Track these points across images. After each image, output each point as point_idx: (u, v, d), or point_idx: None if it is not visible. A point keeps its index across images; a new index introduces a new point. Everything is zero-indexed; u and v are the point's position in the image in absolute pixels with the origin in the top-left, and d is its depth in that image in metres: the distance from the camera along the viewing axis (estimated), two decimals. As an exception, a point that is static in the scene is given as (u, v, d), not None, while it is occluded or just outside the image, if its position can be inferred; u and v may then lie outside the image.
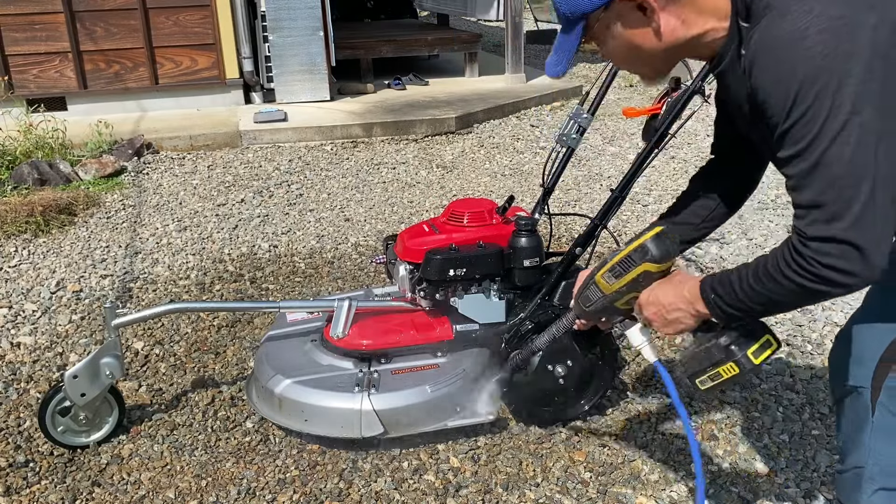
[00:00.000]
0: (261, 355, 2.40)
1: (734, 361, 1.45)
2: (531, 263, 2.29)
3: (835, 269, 1.16)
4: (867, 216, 1.13)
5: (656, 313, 1.52)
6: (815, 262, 1.17)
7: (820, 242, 1.17)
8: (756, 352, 1.43)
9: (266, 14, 6.39)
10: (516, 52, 7.62)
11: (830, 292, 1.21)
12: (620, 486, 2.11)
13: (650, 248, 1.50)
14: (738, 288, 1.33)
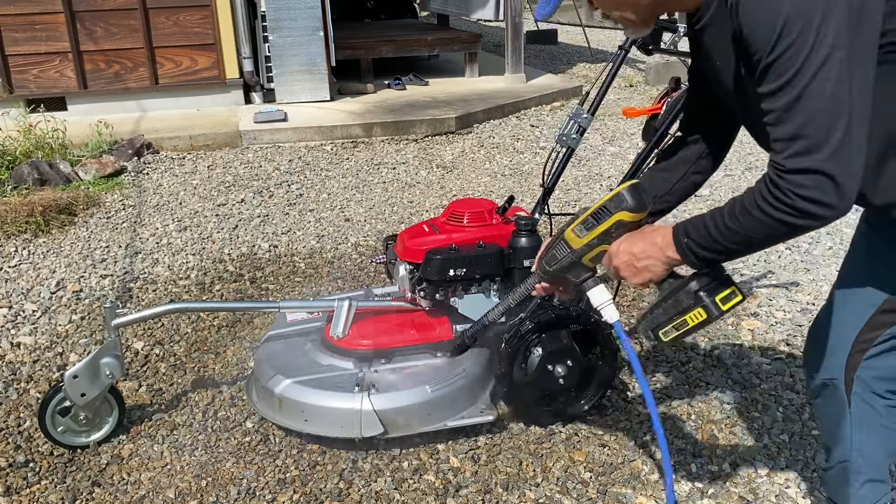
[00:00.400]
0: (261, 355, 2.40)
1: (703, 307, 1.46)
2: (531, 263, 2.29)
3: (811, 200, 1.18)
4: (844, 150, 1.16)
5: (626, 262, 1.52)
6: (793, 193, 1.20)
7: (797, 174, 1.19)
8: (724, 299, 1.46)
9: (266, 14, 6.40)
10: (516, 52, 7.62)
11: (805, 226, 1.23)
12: (620, 486, 2.11)
13: (626, 196, 1.51)
14: (712, 229, 1.35)
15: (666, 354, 2.78)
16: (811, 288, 3.28)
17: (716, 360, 2.73)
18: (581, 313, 2.25)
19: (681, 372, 2.66)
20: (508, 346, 2.22)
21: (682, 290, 1.49)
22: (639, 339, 2.88)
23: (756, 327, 2.95)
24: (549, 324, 2.23)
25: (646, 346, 2.84)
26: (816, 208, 1.19)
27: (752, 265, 3.51)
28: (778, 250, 3.64)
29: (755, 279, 3.38)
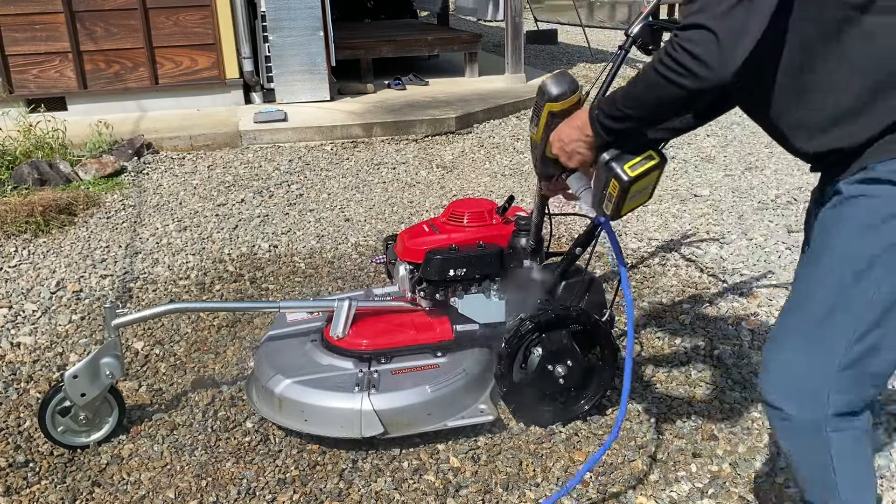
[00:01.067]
0: (261, 355, 2.40)
1: (614, 177, 1.53)
2: (531, 263, 2.30)
3: (691, 54, 1.25)
4: (735, 13, 1.22)
5: (559, 147, 1.62)
6: (678, 46, 1.27)
7: (686, 30, 1.26)
8: (633, 165, 1.52)
9: (266, 14, 6.40)
10: (516, 52, 7.62)
11: (685, 85, 1.28)
12: (620, 486, 2.11)
13: (547, 86, 1.63)
14: (618, 97, 1.44)
15: (666, 354, 2.78)
16: (811, 288, 3.27)
17: (716, 360, 2.73)
18: (581, 313, 2.25)
19: (681, 372, 2.66)
20: (508, 346, 2.22)
21: (600, 164, 1.57)
22: (639, 340, 2.88)
23: (756, 327, 2.95)
24: (549, 324, 2.23)
25: (646, 344, 2.84)
26: (695, 64, 1.25)
27: (752, 265, 3.51)
28: (778, 250, 3.64)
29: (755, 279, 3.38)
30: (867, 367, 1.43)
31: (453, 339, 2.35)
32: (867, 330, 1.40)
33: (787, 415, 1.50)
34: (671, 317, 3.06)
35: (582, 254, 2.31)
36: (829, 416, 1.47)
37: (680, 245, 3.80)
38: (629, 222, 4.10)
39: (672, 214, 4.22)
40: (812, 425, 1.49)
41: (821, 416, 1.47)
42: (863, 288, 1.38)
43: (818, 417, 1.47)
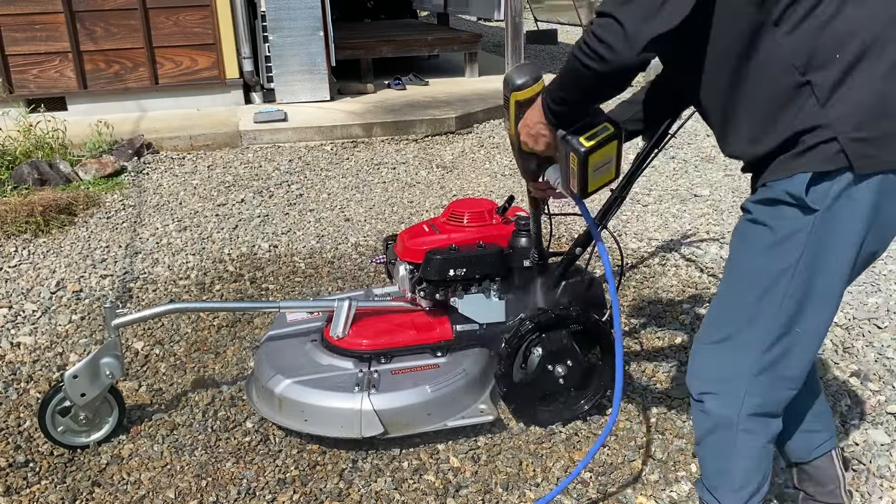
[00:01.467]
0: (261, 355, 2.40)
1: (572, 150, 1.58)
2: (531, 263, 2.29)
3: (599, 38, 1.35)
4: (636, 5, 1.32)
5: (526, 133, 1.69)
6: (591, 33, 1.37)
7: (598, 18, 1.37)
8: (589, 136, 1.58)
9: (266, 14, 6.40)
10: (516, 52, 7.62)
11: (594, 67, 1.38)
12: (620, 486, 2.11)
13: (510, 77, 1.67)
14: (555, 82, 1.53)
15: (666, 354, 2.78)
16: (811, 288, 3.27)
17: (716, 360, 2.73)
18: (581, 313, 2.25)
19: (681, 372, 2.66)
20: (508, 346, 2.23)
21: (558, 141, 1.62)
22: (639, 340, 2.88)
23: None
24: (549, 324, 2.23)
25: (646, 344, 2.84)
26: (602, 48, 1.35)
27: (752, 265, 3.51)
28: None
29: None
30: (780, 371, 1.55)
31: (453, 339, 2.35)
32: (776, 339, 1.52)
33: (707, 408, 1.64)
34: (671, 317, 3.06)
35: (582, 254, 2.31)
36: (743, 416, 1.60)
37: (680, 245, 3.80)
38: (629, 222, 4.10)
39: (672, 214, 4.22)
40: (726, 421, 1.62)
41: (734, 414, 1.61)
42: (769, 302, 1.50)
43: (732, 415, 1.61)
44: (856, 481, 2.11)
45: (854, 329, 2.93)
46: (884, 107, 1.35)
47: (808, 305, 1.49)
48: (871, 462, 2.18)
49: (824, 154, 1.36)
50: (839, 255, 1.44)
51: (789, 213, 1.43)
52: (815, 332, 1.54)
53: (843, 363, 2.70)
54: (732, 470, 1.68)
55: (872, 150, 1.35)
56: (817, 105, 1.36)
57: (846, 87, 1.35)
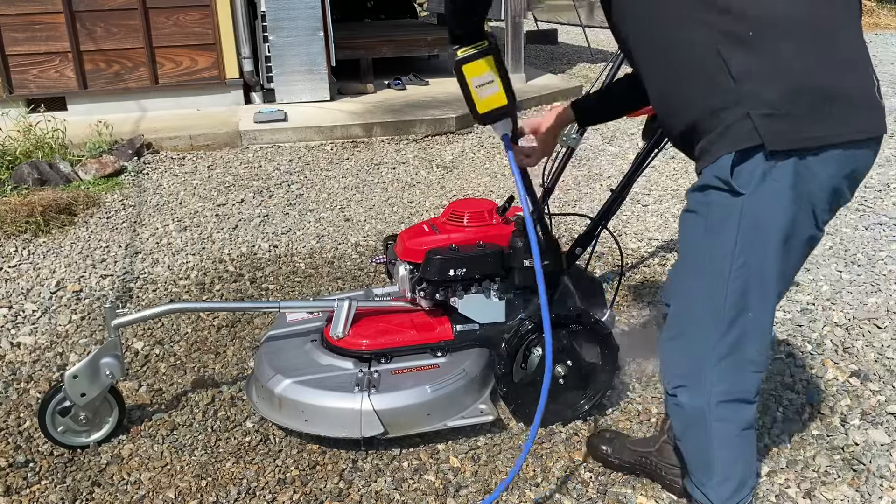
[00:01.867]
0: (261, 355, 2.40)
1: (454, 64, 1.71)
2: (531, 263, 2.29)
3: None
4: None
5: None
6: None
7: None
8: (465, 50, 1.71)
9: (266, 14, 6.40)
10: (516, 52, 7.62)
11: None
12: (620, 486, 2.11)
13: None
14: None
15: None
16: (811, 288, 3.28)
17: (716, 360, 2.73)
18: (581, 313, 2.25)
19: (681, 372, 2.66)
20: (508, 346, 2.22)
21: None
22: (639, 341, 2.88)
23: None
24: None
25: (645, 346, 2.84)
26: None
27: (752, 265, 3.51)
28: (778, 250, 3.64)
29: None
30: (741, 355, 1.59)
31: (453, 339, 2.35)
32: (729, 325, 1.56)
33: (680, 402, 1.69)
34: (671, 317, 3.05)
35: (582, 254, 2.31)
36: (713, 404, 1.64)
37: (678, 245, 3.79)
38: (629, 222, 4.10)
39: (672, 214, 4.21)
40: (698, 412, 1.67)
41: (704, 404, 1.65)
42: (715, 291, 1.54)
43: (703, 405, 1.65)
44: (856, 481, 2.11)
45: (854, 329, 2.93)
46: (795, 85, 1.38)
47: (753, 289, 1.53)
48: (871, 462, 2.18)
49: (739, 131, 1.41)
50: (772, 237, 1.48)
51: (719, 199, 1.48)
52: (767, 312, 1.59)
53: (843, 363, 2.70)
54: (712, 462, 1.71)
55: (784, 125, 1.39)
56: (731, 82, 1.40)
57: (758, 64, 1.39)
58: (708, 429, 1.67)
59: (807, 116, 1.39)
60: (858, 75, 1.44)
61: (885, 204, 4.30)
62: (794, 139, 1.39)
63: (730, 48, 1.39)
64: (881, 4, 14.28)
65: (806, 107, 1.39)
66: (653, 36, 1.52)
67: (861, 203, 4.31)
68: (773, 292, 1.56)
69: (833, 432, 2.32)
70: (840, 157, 1.42)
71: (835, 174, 1.44)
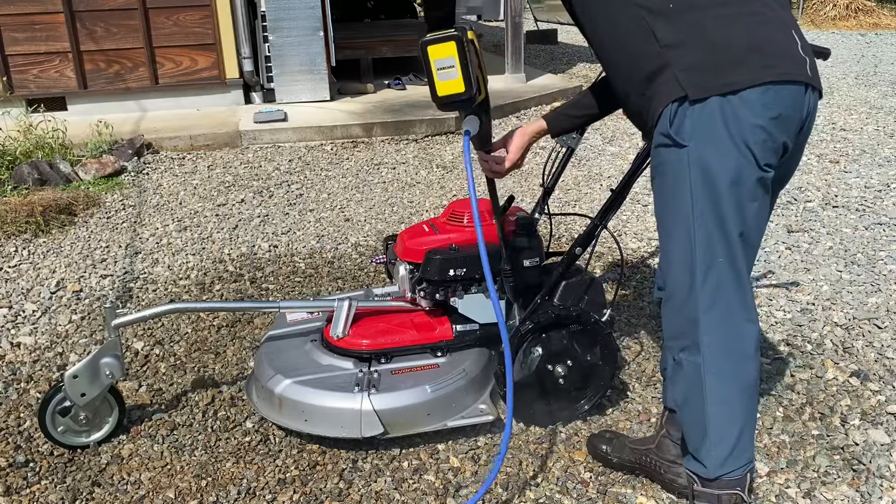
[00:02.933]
0: (261, 355, 2.40)
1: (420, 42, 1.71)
2: (531, 263, 2.30)
3: None
4: None
5: None
6: None
7: None
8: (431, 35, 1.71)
9: (266, 14, 6.40)
10: (516, 52, 7.62)
11: None
12: (620, 486, 2.11)
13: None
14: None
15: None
16: (811, 288, 3.28)
17: (716, 360, 2.73)
18: (581, 313, 2.25)
19: (681, 372, 2.66)
20: (508, 346, 2.22)
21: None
22: (639, 340, 2.88)
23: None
24: (549, 324, 2.23)
25: (646, 344, 2.84)
26: None
27: (752, 265, 3.51)
28: (778, 250, 3.64)
29: (755, 279, 3.38)
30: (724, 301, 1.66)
31: (453, 339, 2.35)
32: (704, 274, 1.64)
33: (682, 361, 1.76)
34: (671, 317, 3.05)
35: (582, 254, 2.31)
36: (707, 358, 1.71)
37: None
38: (629, 222, 4.10)
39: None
40: (694, 368, 1.72)
41: (699, 359, 1.71)
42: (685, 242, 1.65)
43: (698, 360, 1.71)
44: (856, 481, 2.11)
45: (854, 329, 2.93)
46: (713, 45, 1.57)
47: (715, 235, 1.62)
48: (870, 462, 2.18)
49: (667, 88, 1.59)
50: (720, 181, 1.58)
51: (668, 156, 1.63)
52: (737, 256, 1.65)
53: (843, 363, 2.70)
54: (707, 423, 1.74)
55: (703, 76, 1.56)
56: (657, 46, 1.59)
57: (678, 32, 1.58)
58: (702, 385, 1.71)
59: (724, 66, 1.55)
60: (776, 34, 1.60)
61: (885, 204, 4.30)
62: (712, 86, 1.54)
63: (654, 19, 1.59)
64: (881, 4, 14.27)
65: (724, 60, 1.56)
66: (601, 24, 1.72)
67: (861, 203, 4.32)
68: (736, 235, 1.63)
69: (833, 432, 2.32)
70: (760, 98, 1.54)
71: (760, 114, 1.55)
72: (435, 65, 1.71)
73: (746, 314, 1.70)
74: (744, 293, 1.69)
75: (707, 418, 1.73)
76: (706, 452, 1.76)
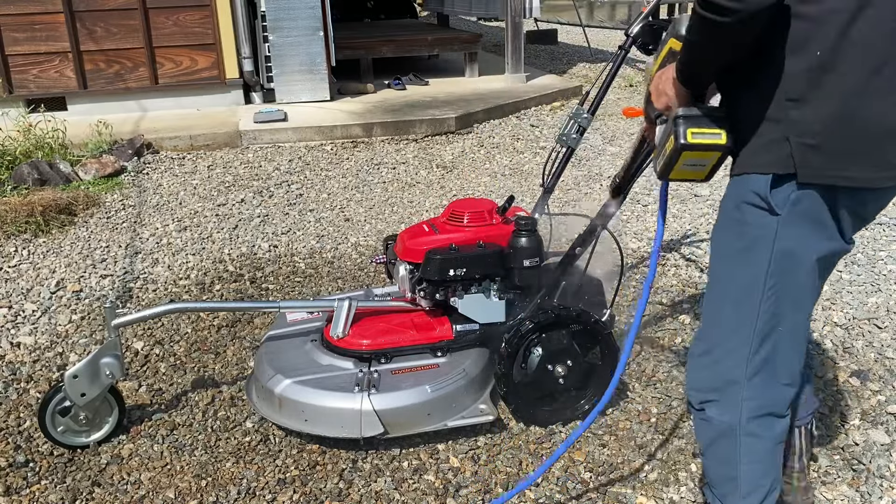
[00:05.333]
0: (261, 355, 2.40)
1: (674, 134, 1.47)
2: (531, 263, 2.30)
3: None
4: None
5: (654, 85, 1.59)
6: None
7: None
8: (696, 133, 1.45)
9: (266, 14, 6.40)
10: (516, 52, 7.62)
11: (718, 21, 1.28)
12: (620, 486, 2.11)
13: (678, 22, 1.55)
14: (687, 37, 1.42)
15: (667, 355, 2.78)
16: (811, 288, 3.27)
17: (716, 360, 2.73)
18: (581, 313, 2.25)
19: (680, 372, 2.66)
20: (508, 346, 2.22)
21: (670, 117, 1.51)
22: (639, 340, 2.88)
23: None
24: (549, 324, 2.23)
25: (646, 344, 2.84)
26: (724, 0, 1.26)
27: (752, 265, 3.51)
28: (778, 250, 3.64)
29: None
30: (773, 370, 1.58)
31: (453, 339, 2.35)
32: (761, 341, 1.55)
33: (708, 416, 1.66)
34: (671, 317, 3.06)
35: (582, 253, 2.31)
36: (744, 420, 1.61)
37: (680, 245, 3.80)
38: (629, 222, 4.10)
39: (672, 214, 4.21)
40: (728, 428, 1.63)
41: (736, 420, 1.62)
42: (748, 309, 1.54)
43: (733, 421, 1.62)
44: (856, 481, 2.11)
45: (854, 329, 2.93)
46: (846, 122, 1.35)
47: (785, 307, 1.52)
48: (870, 462, 2.18)
49: (777, 155, 1.39)
50: (805, 261, 1.48)
51: (754, 219, 1.47)
52: (799, 327, 1.59)
53: (843, 363, 2.70)
54: (739, 477, 1.68)
55: (818, 160, 1.37)
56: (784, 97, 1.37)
57: (816, 88, 1.35)
58: (737, 444, 1.65)
59: (849, 153, 1.37)
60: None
61: (885, 204, 4.30)
62: (825, 176, 1.38)
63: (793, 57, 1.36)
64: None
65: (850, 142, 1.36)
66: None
67: (861, 203, 4.31)
68: (806, 307, 1.57)
69: (833, 432, 2.32)
70: (871, 196, 1.45)
71: (870, 211, 1.48)
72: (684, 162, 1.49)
73: (790, 381, 1.63)
74: (796, 362, 1.62)
75: (739, 474, 1.69)
76: (735, 502, 1.72)
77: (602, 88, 2.49)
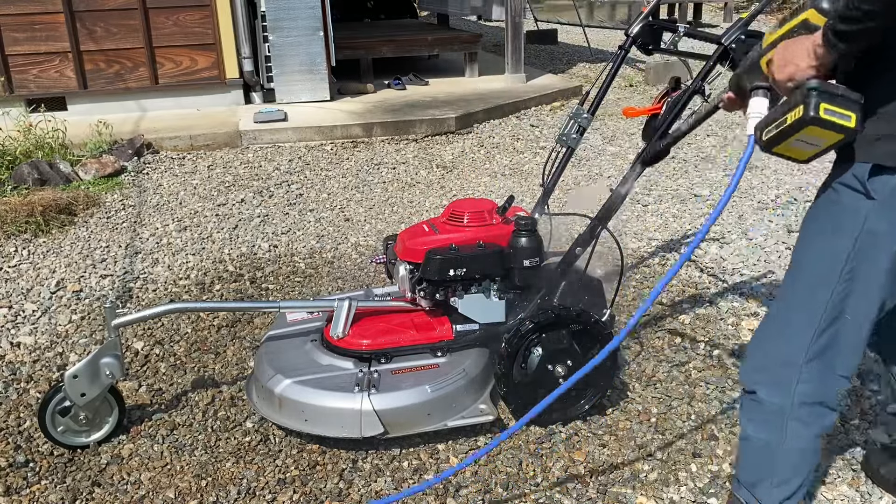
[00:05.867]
0: (261, 355, 2.40)
1: (804, 104, 1.37)
2: (531, 263, 2.30)
3: None
4: None
5: (780, 54, 1.50)
6: None
7: None
8: (829, 110, 1.36)
9: (266, 14, 6.40)
10: (516, 52, 7.62)
11: None
12: (620, 486, 2.11)
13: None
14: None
15: (666, 354, 2.78)
16: (811, 288, 3.27)
17: (716, 360, 2.73)
18: (581, 313, 2.25)
19: (680, 372, 2.66)
20: (508, 346, 2.22)
21: (801, 88, 1.42)
22: (639, 340, 2.88)
23: (756, 327, 2.94)
24: (549, 324, 2.23)
25: (646, 344, 2.84)
26: None
27: (752, 265, 3.51)
28: (778, 250, 3.64)
29: (755, 279, 3.38)
30: (830, 359, 1.59)
31: (453, 339, 2.35)
32: (828, 324, 1.56)
33: (759, 398, 1.68)
34: (671, 317, 3.06)
35: (582, 253, 2.32)
36: (796, 403, 1.62)
37: (680, 245, 3.80)
38: (629, 222, 4.10)
39: (672, 214, 4.22)
40: (777, 409, 1.65)
41: (787, 402, 1.63)
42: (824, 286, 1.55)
43: (784, 403, 1.64)
44: (856, 481, 2.11)
45: (854, 329, 2.93)
46: None
47: (856, 294, 1.53)
48: (871, 462, 2.18)
49: (888, 148, 1.42)
50: (888, 248, 1.49)
51: (849, 201, 1.49)
52: (864, 320, 1.58)
53: (843, 363, 2.70)
54: (777, 463, 1.69)
55: None
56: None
57: None
58: (783, 427, 1.66)
59: None
60: None
61: (885, 204, 4.30)
62: None
63: None
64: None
65: None
66: None
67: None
68: (875, 301, 1.56)
69: (833, 432, 2.32)
70: None
71: None
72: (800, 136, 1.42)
73: (845, 373, 1.64)
74: (854, 354, 1.62)
75: (776, 460, 1.70)
76: (765, 491, 1.73)
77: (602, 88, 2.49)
